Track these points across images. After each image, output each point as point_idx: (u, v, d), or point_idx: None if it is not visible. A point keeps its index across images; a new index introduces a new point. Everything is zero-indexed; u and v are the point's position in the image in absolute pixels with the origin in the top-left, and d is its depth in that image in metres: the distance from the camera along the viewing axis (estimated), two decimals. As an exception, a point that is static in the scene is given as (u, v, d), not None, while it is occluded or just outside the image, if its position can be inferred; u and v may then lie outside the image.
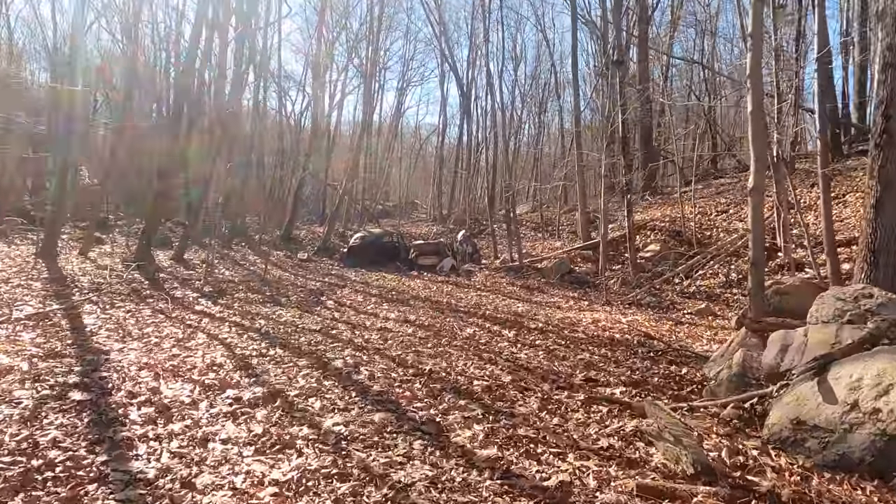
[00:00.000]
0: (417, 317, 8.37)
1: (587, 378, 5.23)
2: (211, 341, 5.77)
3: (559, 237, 19.48)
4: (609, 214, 19.50)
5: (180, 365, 4.82)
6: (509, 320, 8.31)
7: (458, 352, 6.02)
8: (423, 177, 41.65)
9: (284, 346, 5.72)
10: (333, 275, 14.09)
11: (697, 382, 5.09)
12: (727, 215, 15.18)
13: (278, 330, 6.65)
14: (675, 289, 11.90)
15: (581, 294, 12.36)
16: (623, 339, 7.21)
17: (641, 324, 8.52)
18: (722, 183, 18.09)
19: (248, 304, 8.71)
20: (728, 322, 8.78)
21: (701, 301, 10.90)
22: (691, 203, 15.20)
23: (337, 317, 8.22)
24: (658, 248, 14.10)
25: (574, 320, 8.56)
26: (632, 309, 10.37)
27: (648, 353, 6.36)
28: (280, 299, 9.50)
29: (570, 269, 14.24)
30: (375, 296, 10.73)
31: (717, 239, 14.23)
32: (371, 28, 24.00)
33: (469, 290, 12.36)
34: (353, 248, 16.90)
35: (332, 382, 4.65)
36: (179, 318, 7.09)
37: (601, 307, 10.58)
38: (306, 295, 10.21)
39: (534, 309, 9.87)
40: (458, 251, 17.48)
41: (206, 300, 8.70)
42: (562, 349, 6.50)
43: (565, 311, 9.90)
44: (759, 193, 6.43)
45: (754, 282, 6.40)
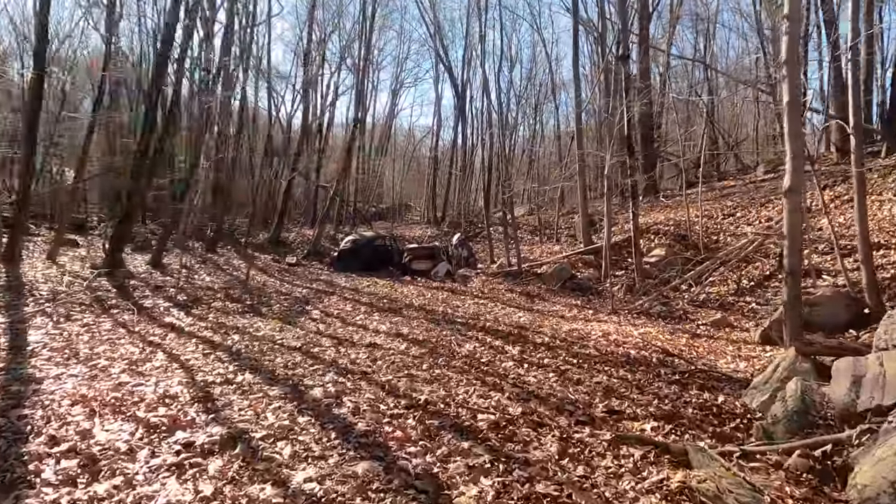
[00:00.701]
0: (411, 329, 7.56)
1: (609, 409, 4.44)
2: (170, 364, 4.93)
3: (558, 241, 18.72)
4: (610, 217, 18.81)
5: (125, 397, 3.98)
6: (512, 334, 7.51)
7: (458, 375, 5.21)
8: (416, 179, 40.85)
9: (256, 370, 4.89)
10: (322, 280, 13.25)
11: (740, 415, 4.31)
12: (734, 219, 14.47)
13: (252, 348, 5.81)
14: (683, 296, 11.16)
15: (584, 302, 11.60)
16: (640, 356, 6.44)
17: (656, 337, 7.75)
18: (726, 185, 17.41)
19: (224, 315, 7.87)
20: (749, 335, 8.03)
21: (713, 310, 10.15)
22: (697, 206, 14.48)
23: (322, 329, 7.40)
24: (663, 253, 13.36)
25: (583, 333, 7.78)
26: (641, 319, 9.61)
27: (672, 374, 5.58)
28: (261, 309, 8.66)
29: (571, 274, 13.47)
30: (366, 304, 9.91)
31: (725, 243, 13.51)
32: (364, 28, 23.25)
33: (466, 298, 11.56)
34: (343, 251, 16.06)
35: (309, 419, 3.83)
36: (142, 332, 6.24)
37: (608, 317, 9.82)
38: (290, 303, 9.37)
39: (537, 319, 9.08)
40: (453, 255, 16.69)
41: (177, 310, 7.85)
42: (574, 369, 5.71)
43: (570, 321, 9.13)
44: (796, 195, 5.69)
45: (791, 294, 5.64)
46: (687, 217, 14.03)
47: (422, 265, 15.29)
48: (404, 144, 41.58)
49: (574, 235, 18.84)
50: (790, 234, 5.64)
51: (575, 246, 17.46)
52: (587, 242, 14.68)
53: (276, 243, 18.45)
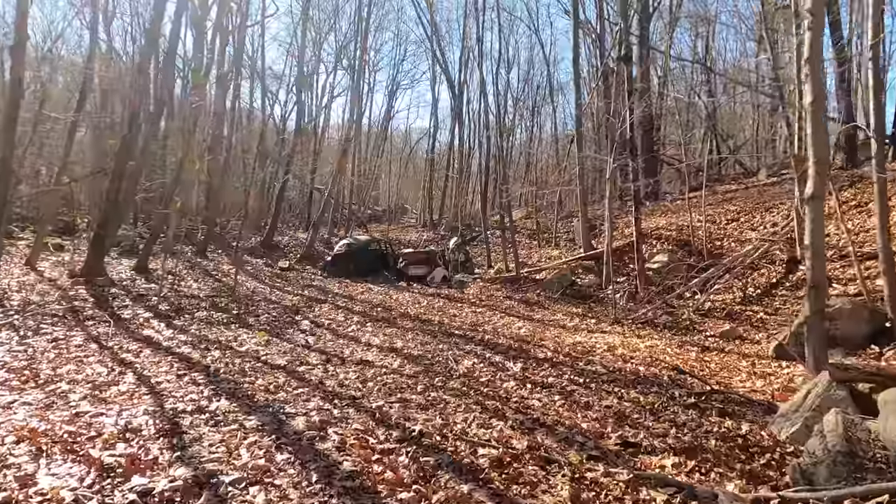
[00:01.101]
0: (405, 343, 7.10)
1: (624, 440, 4.00)
2: (139, 387, 4.45)
3: (557, 245, 18.30)
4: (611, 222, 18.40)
5: (81, 431, 3.52)
6: (513, 347, 7.07)
7: (456, 398, 4.75)
8: (413, 181, 40.41)
9: (233, 395, 4.42)
10: (314, 287, 12.78)
11: (769, 449, 3.88)
12: (738, 224, 14.08)
13: (232, 367, 5.34)
14: (688, 305, 10.74)
15: (586, 310, 11.16)
16: (650, 374, 6.00)
17: (664, 351, 7.32)
18: (728, 189, 17.03)
19: (207, 327, 7.39)
20: (761, 348, 7.60)
21: (720, 320, 9.74)
22: (699, 210, 14.08)
23: (311, 343, 6.94)
24: (666, 259, 12.94)
25: (587, 347, 7.34)
26: (646, 329, 9.17)
27: (688, 396, 5.14)
28: (247, 319, 8.18)
29: (571, 281, 13.04)
30: (359, 314, 9.45)
31: (730, 249, 13.11)
32: (359, 28, 22.80)
33: (463, 306, 11.12)
34: (337, 256, 15.59)
35: (288, 457, 3.37)
36: (115, 348, 5.77)
37: (611, 327, 9.39)
38: (279, 313, 8.90)
39: (538, 330, 8.64)
40: (450, 260, 16.26)
41: (158, 321, 7.37)
42: (581, 390, 5.26)
43: (573, 332, 8.69)
44: (819, 202, 5.27)
45: (814, 309, 5.22)
46: (690, 222, 13.62)
47: (418, 271, 14.85)
48: (401, 147, 41.16)
49: (573, 240, 18.43)
50: (813, 245, 5.22)
51: (574, 251, 17.04)
52: (587, 248, 14.26)
53: (268, 247, 17.99)
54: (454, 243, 17.37)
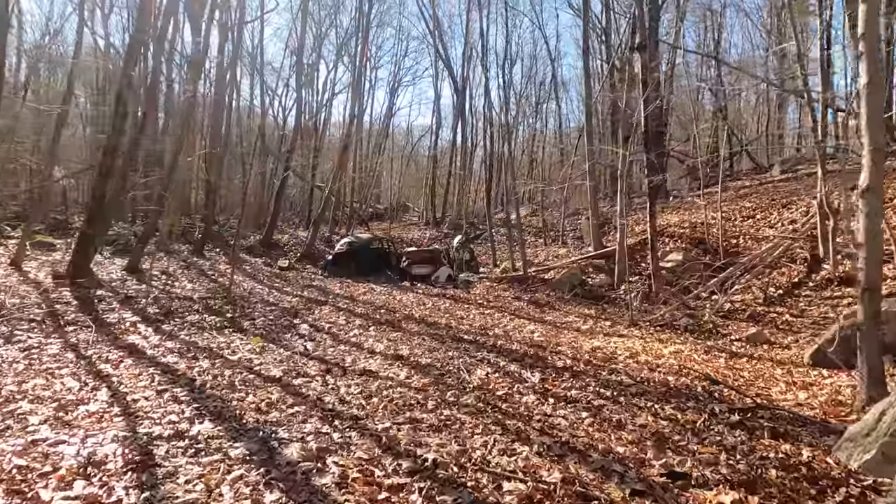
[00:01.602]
0: (412, 350, 6.54)
1: (669, 469, 3.43)
2: (112, 406, 3.90)
3: (564, 243, 17.74)
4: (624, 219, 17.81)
5: (34, 464, 2.96)
6: (528, 355, 6.50)
7: (472, 417, 4.19)
8: (415, 179, 39.84)
9: (219, 416, 3.86)
10: (315, 287, 12.23)
11: (842, 482, 3.31)
12: (754, 221, 13.50)
13: (221, 380, 4.77)
14: (705, 305, 10.17)
15: (598, 311, 10.60)
16: (681, 384, 5.43)
17: (690, 357, 6.75)
18: (741, 186, 16.44)
19: (198, 332, 6.84)
20: (794, 354, 7.03)
21: (743, 322, 9.19)
22: (713, 207, 13.51)
23: (310, 350, 6.38)
24: (680, 258, 12.37)
25: (607, 353, 6.77)
26: (665, 332, 8.61)
27: (729, 412, 4.57)
28: (242, 323, 7.63)
29: (581, 280, 12.48)
30: (361, 316, 8.90)
31: (746, 247, 12.54)
32: (360, 24, 22.17)
33: (470, 307, 10.56)
34: (338, 255, 15.04)
35: (279, 496, 2.81)
36: (94, 358, 5.21)
37: (627, 330, 8.82)
38: (277, 316, 8.34)
39: (552, 334, 8.07)
40: (454, 259, 15.69)
41: (145, 326, 6.82)
42: (610, 405, 4.70)
43: (588, 336, 8.12)
44: (876, 195, 4.69)
45: (868, 314, 4.64)
46: (705, 219, 13.04)
47: (422, 270, 14.30)
48: (402, 144, 40.58)
49: (580, 238, 17.87)
50: (869, 243, 4.64)
51: (582, 249, 16.48)
52: (598, 246, 13.69)
53: (267, 245, 17.43)
54: (458, 241, 16.81)
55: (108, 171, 8.14)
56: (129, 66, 8.30)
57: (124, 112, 8.27)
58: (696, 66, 24.03)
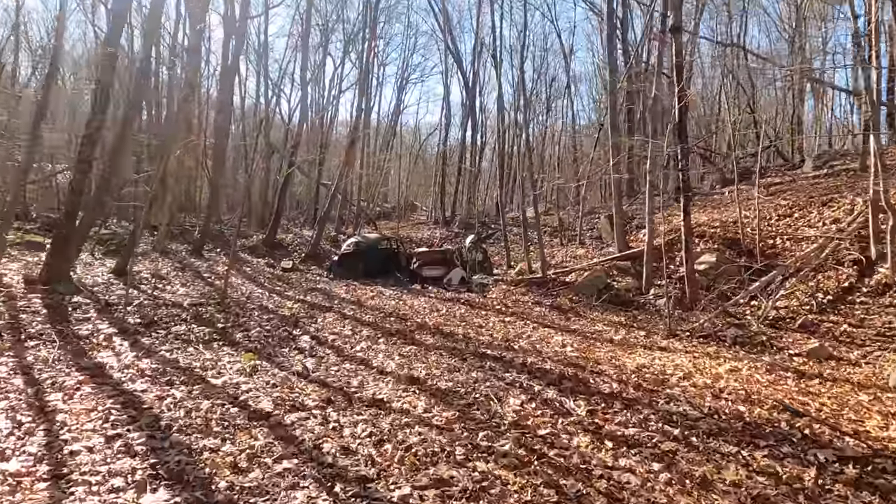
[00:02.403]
0: (428, 369, 5.55)
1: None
2: (39, 462, 2.93)
3: (582, 243, 16.68)
4: (637, 218, 16.77)
5: None
6: (565, 376, 5.49)
7: (514, 474, 3.18)
8: (423, 178, 38.87)
9: (178, 479, 2.87)
10: (319, 291, 11.26)
11: None
12: (792, 220, 12.40)
13: (196, 416, 3.80)
14: (745, 312, 9.14)
15: (629, 319, 9.57)
16: (759, 418, 4.41)
17: (752, 379, 5.72)
18: (772, 182, 15.31)
19: (182, 347, 5.87)
20: (875, 375, 5.99)
21: (795, 332, 8.14)
22: (747, 205, 12.44)
23: (310, 369, 5.41)
24: (714, 260, 11.31)
25: (656, 373, 5.76)
26: (710, 345, 7.57)
27: (839, 462, 3.55)
28: (234, 334, 6.66)
29: (606, 284, 11.44)
30: (369, 325, 7.91)
31: (785, 248, 11.47)
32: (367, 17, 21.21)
33: (488, 314, 9.56)
34: (344, 256, 14.07)
35: None
36: (47, 384, 4.25)
37: (666, 341, 7.79)
38: (275, 326, 7.37)
39: (584, 347, 7.06)
40: (466, 260, 14.69)
41: (121, 339, 5.86)
42: (682, 449, 3.69)
43: (625, 349, 7.10)
44: None
45: None
46: (739, 218, 11.96)
47: (433, 272, 13.31)
48: (410, 143, 39.60)
49: (599, 237, 16.81)
50: None
51: (602, 249, 15.44)
52: (622, 246, 12.64)
53: (271, 245, 16.50)
54: (470, 241, 15.80)
55: (87, 163, 7.21)
56: (113, 42, 7.36)
57: (105, 98, 7.34)
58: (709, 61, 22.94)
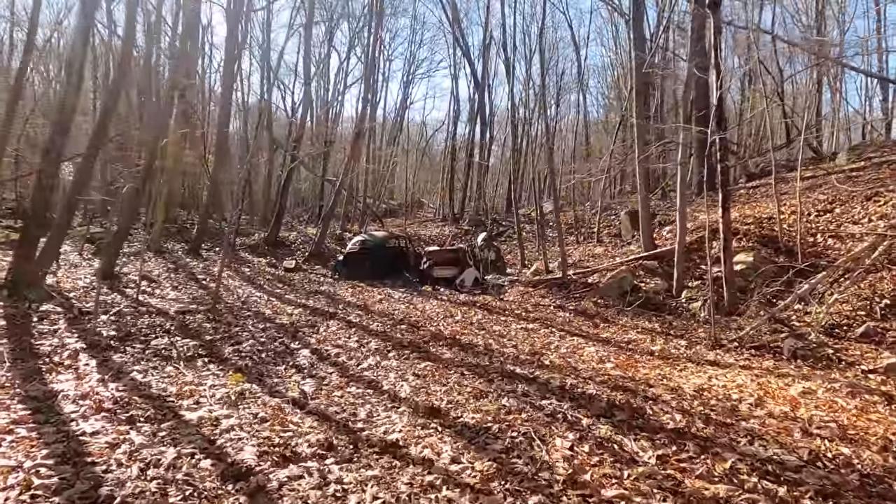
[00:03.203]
0: (450, 394, 4.60)
1: None
2: None
3: (599, 241, 15.69)
4: (659, 214, 15.72)
5: None
6: (615, 403, 4.51)
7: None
8: (430, 174, 37.91)
9: None
10: (322, 294, 10.33)
11: None
12: (833, 216, 11.35)
13: (153, 475, 2.86)
14: (791, 317, 8.16)
15: (663, 325, 8.59)
16: (870, 464, 3.45)
17: (834, 405, 4.74)
18: (804, 176, 14.23)
19: (159, 366, 4.95)
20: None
21: (859, 341, 7.13)
22: (780, 200, 11.42)
23: (308, 394, 4.48)
24: (751, 260, 10.29)
25: (721, 398, 4.78)
26: (766, 358, 6.59)
27: None
28: (223, 349, 5.73)
29: (634, 285, 10.46)
30: (377, 335, 6.97)
31: (828, 247, 10.44)
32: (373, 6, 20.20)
33: (508, 319, 8.60)
34: (350, 255, 13.13)
35: None
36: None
37: (714, 353, 6.83)
38: (271, 337, 6.44)
39: (623, 361, 6.09)
40: (479, 259, 13.74)
41: (88, 357, 4.95)
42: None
43: (671, 364, 6.13)
44: None
45: None
46: (776, 214, 10.95)
47: (445, 272, 12.35)
48: (417, 139, 38.61)
49: (618, 234, 15.81)
50: None
51: (622, 247, 14.46)
52: (648, 244, 11.63)
53: (273, 244, 15.60)
54: (482, 239, 14.86)
55: (57, 154, 6.31)
56: (87, 19, 6.44)
57: (77, 83, 6.43)
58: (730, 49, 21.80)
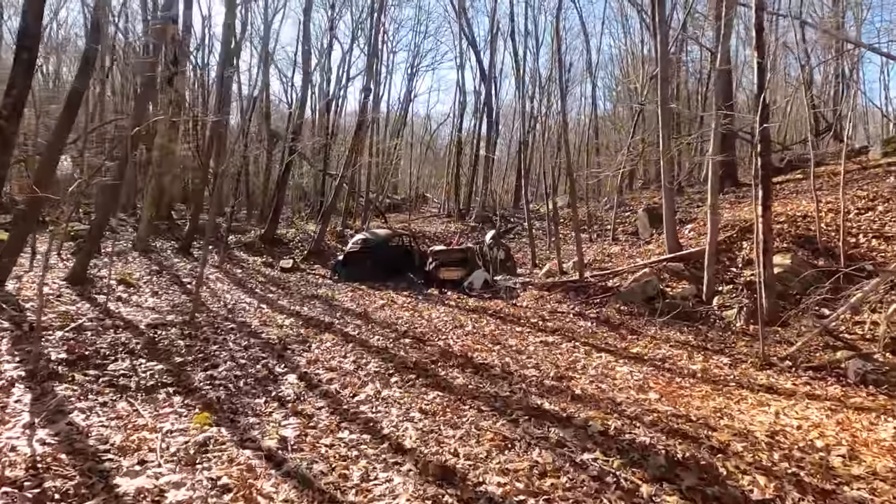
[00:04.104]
0: (466, 444, 3.64)
1: None
2: None
3: (615, 240, 14.69)
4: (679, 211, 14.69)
5: None
6: (678, 460, 3.52)
7: None
8: (434, 169, 36.82)
9: None
10: (319, 298, 9.39)
11: None
12: (875, 214, 10.33)
13: None
14: (840, 329, 7.17)
15: (698, 338, 7.59)
16: None
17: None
18: (834, 171, 13.19)
19: (110, 401, 4.01)
20: None
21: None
22: (818, 197, 10.38)
23: (289, 442, 3.53)
24: (788, 262, 9.29)
25: (808, 452, 3.79)
26: (829, 383, 5.61)
27: None
28: (193, 376, 4.78)
29: (659, 290, 9.47)
30: (378, 352, 6.02)
31: (872, 248, 9.44)
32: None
33: (524, 331, 7.63)
34: (350, 255, 12.16)
35: None
36: None
37: (765, 375, 5.85)
38: (253, 357, 5.49)
39: (666, 388, 5.12)
40: (487, 258, 12.76)
41: (23, 391, 4.01)
42: None
43: (724, 391, 5.16)
44: None
45: None
46: (817, 211, 9.92)
47: (452, 273, 11.38)
48: (421, 133, 37.51)
49: (635, 233, 14.81)
50: None
51: (639, 247, 13.47)
52: (673, 244, 10.61)
53: (270, 242, 14.65)
54: (491, 237, 13.86)
55: (9, 145, 5.37)
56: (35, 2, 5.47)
57: (30, 61, 5.47)
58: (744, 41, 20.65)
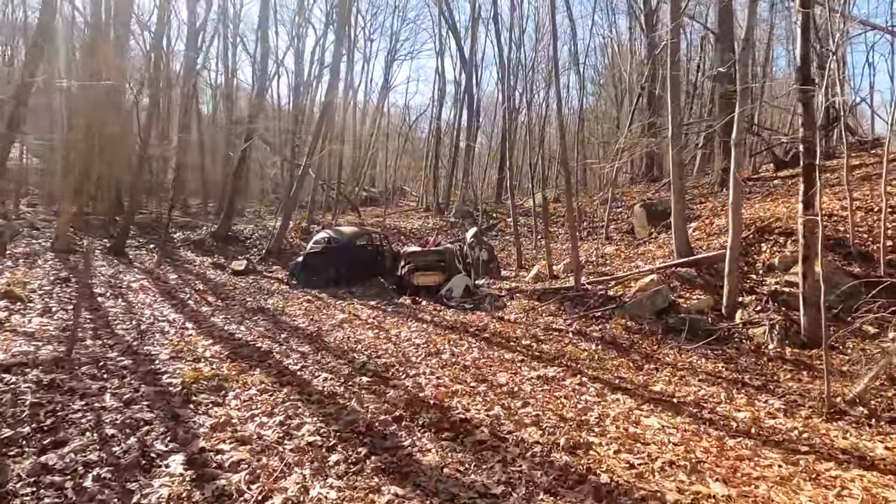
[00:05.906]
0: None
1: None
2: None
3: (609, 239, 13.20)
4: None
5: None
6: None
7: None
8: (413, 161, 34.96)
9: None
10: (265, 312, 7.63)
11: None
12: (909, 213, 8.97)
13: None
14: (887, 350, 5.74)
15: (729, 367, 6.06)
16: None
17: None
18: (853, 165, 11.86)
19: None
20: None
21: None
22: (837, 194, 9.00)
23: None
24: (818, 269, 7.87)
25: None
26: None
27: None
28: (18, 468, 3.04)
29: (670, 302, 7.95)
30: (319, 404, 4.32)
31: (912, 253, 8.06)
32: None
33: (515, 357, 6.01)
34: (310, 256, 10.37)
35: None
36: None
37: (832, 426, 4.35)
38: (131, 423, 3.74)
39: (718, 459, 3.56)
40: (468, 259, 11.13)
41: None
42: None
43: (786, 455, 3.63)
44: None
45: None
46: (850, 210, 8.51)
47: (428, 279, 9.71)
48: (398, 124, 35.57)
49: (630, 231, 13.32)
50: None
51: (635, 247, 11.99)
52: (682, 246, 9.11)
53: (223, 239, 12.77)
54: (472, 235, 12.20)
55: None
56: None
57: None
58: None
